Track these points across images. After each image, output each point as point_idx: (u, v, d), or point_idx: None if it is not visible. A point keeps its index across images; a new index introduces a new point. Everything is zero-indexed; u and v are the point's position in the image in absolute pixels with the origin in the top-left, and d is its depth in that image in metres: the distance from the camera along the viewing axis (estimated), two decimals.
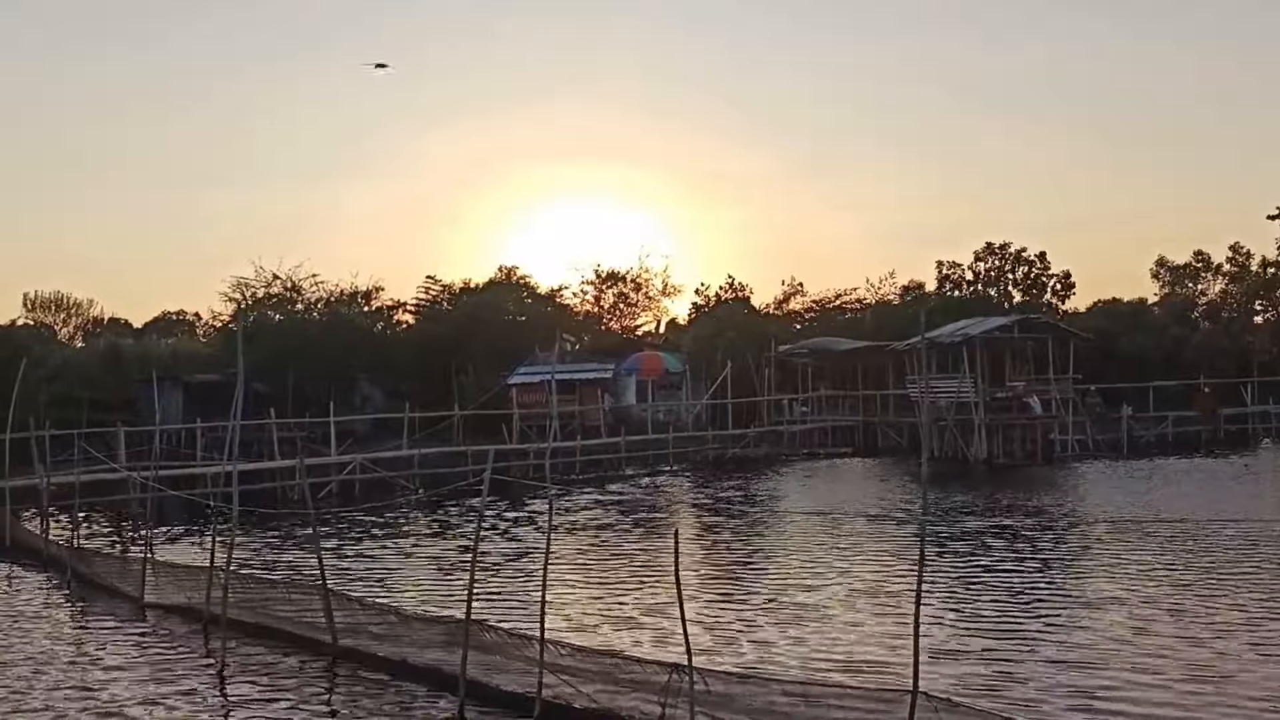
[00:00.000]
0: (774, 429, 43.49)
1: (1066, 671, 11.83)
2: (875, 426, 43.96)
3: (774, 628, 14.09)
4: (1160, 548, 19.65)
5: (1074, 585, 16.89)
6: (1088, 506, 26.56)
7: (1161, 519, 23.18)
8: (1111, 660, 12.21)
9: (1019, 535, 21.89)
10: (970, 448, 38.02)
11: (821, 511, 25.48)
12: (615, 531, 23.59)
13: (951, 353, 39.95)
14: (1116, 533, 21.64)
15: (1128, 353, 47.51)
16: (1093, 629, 13.74)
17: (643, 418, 43.51)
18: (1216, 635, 13.16)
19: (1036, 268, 56.88)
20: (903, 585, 16.07)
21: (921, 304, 53.18)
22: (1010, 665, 12.20)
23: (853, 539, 21.35)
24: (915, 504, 26.15)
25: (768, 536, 22.73)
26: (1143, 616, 14.31)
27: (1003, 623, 14.34)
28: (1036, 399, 39.22)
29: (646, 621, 14.44)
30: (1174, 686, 11.17)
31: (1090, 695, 10.90)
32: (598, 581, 17.67)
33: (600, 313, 63.03)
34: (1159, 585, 16.35)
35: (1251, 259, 57.96)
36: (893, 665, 11.66)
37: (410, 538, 23.22)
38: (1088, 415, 41.20)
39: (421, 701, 10.99)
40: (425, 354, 47.46)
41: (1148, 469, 34.41)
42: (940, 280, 59.88)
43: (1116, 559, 18.82)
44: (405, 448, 34.11)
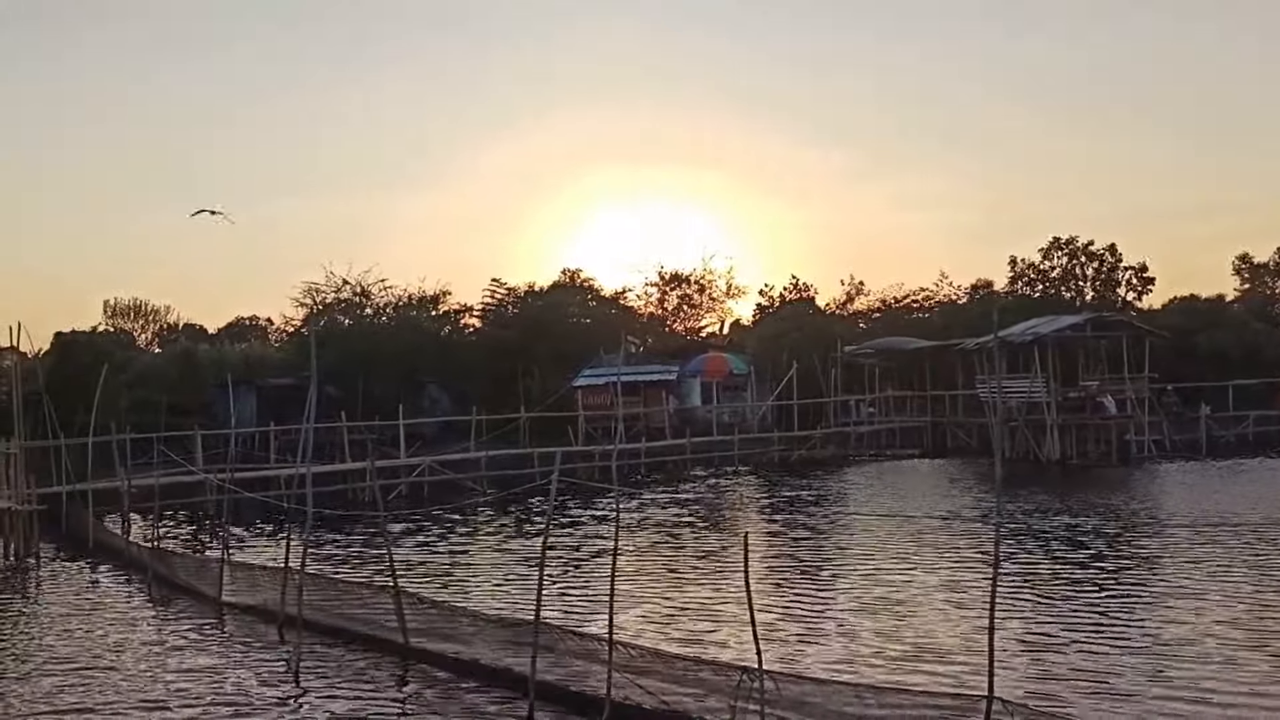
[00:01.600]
0: (840, 430, 43.11)
1: (1144, 678, 11.56)
2: (944, 427, 43.36)
3: (845, 630, 13.98)
4: (1242, 551, 19.11)
5: (1151, 589, 16.49)
6: (1165, 508, 25.97)
7: (1243, 522, 22.52)
8: (1189, 666, 11.90)
9: (1095, 537, 21.47)
10: (1043, 448, 37.33)
11: (891, 514, 25.18)
12: (682, 533, 23.57)
13: (1023, 352, 39.27)
14: (1196, 535, 21.06)
15: (1206, 350, 46.26)
16: (1170, 635, 13.40)
17: (708, 419, 43.43)
18: None
19: (1108, 263, 55.59)
20: (976, 588, 15.86)
21: (990, 303, 52.33)
22: (1087, 671, 11.95)
23: (923, 541, 21.08)
24: (986, 505, 25.74)
25: (836, 538, 22.53)
26: (1221, 623, 13.94)
27: (1078, 627, 14.06)
28: (1111, 398, 38.38)
29: (716, 623, 14.40)
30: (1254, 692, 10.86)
31: (1168, 700, 10.63)
32: (666, 583, 17.67)
33: (664, 314, 63.03)
34: (1238, 589, 15.95)
35: None
36: (967, 669, 11.49)
37: (479, 539, 23.44)
38: (1164, 415, 40.19)
39: (492, 702, 11.08)
40: (491, 357, 47.88)
41: (1228, 470, 33.51)
42: (1011, 278, 58.89)
43: (1195, 562, 18.33)
44: (473, 450, 34.42)
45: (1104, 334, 40.55)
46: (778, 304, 60.17)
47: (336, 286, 48.83)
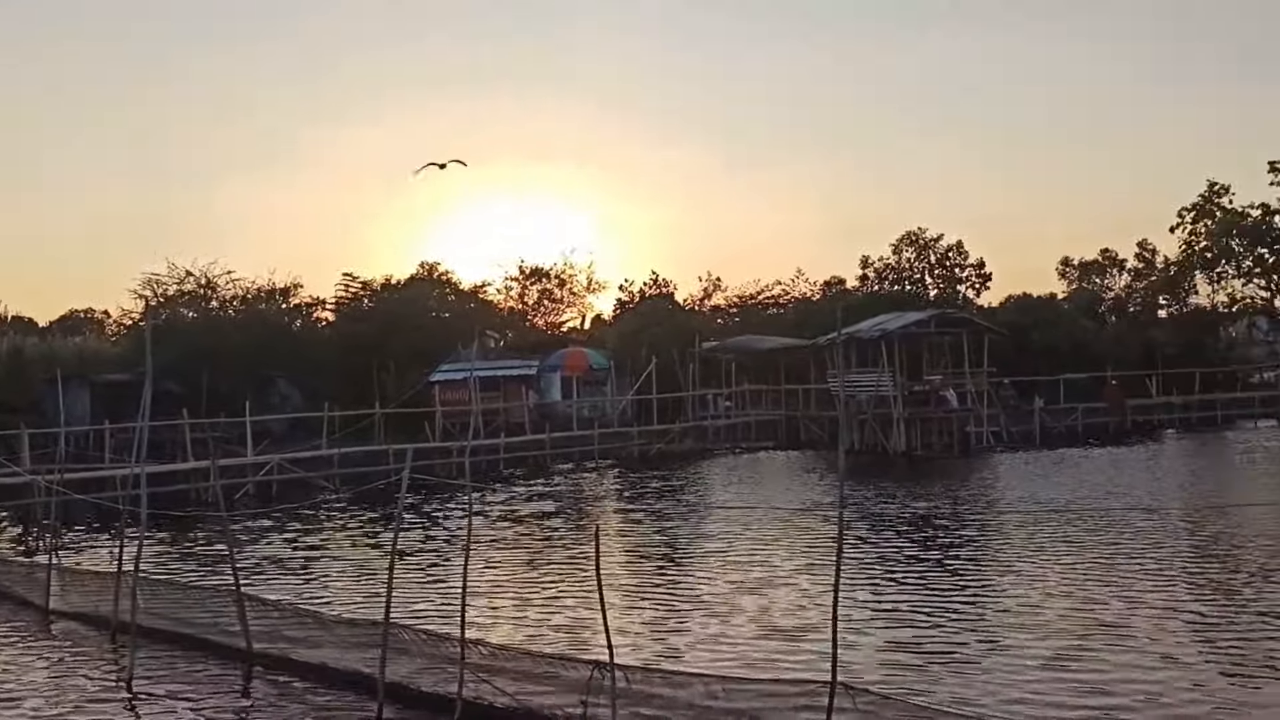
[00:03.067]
0: (698, 424, 43.69)
1: (983, 658, 12.12)
2: (797, 420, 44.40)
3: (697, 622, 14.15)
4: (1069, 532, 20.20)
5: (990, 574, 17.21)
6: (1003, 495, 27.28)
7: (1071, 508, 23.82)
8: (1026, 646, 12.49)
9: (937, 525, 22.36)
10: (890, 440, 38.61)
11: (746, 506, 25.62)
12: (538, 529, 23.47)
13: (871, 347, 40.53)
14: (1031, 521, 22.12)
15: (1040, 346, 48.70)
16: (1007, 616, 14.06)
17: (568, 414, 43.43)
18: (1126, 617, 13.57)
19: (953, 259, 58.02)
20: (823, 577, 16.24)
21: (840, 300, 53.92)
22: (929, 653, 12.44)
23: (776, 531, 21.49)
24: (829, 500, 26.48)
25: (691, 531, 22.80)
26: (1051, 595, 14.84)
27: (921, 612, 14.57)
28: (953, 392, 39.99)
29: (570, 619, 14.37)
30: (1075, 673, 11.50)
31: (1002, 689, 11.09)
32: (521, 579, 17.57)
33: (524, 309, 62.75)
34: (1065, 566, 16.90)
35: (1157, 256, 59.90)
36: (813, 656, 11.77)
37: (329, 539, 22.83)
38: (1002, 408, 42.12)
39: (340, 706, 10.80)
40: (345, 352, 46.79)
41: (1059, 458, 35.30)
42: (862, 276, 60.82)
43: (1030, 547, 19.27)
44: (324, 447, 33.53)
45: (947, 330, 42.23)
46: (638, 299, 60.57)
47: (179, 278, 46.93)
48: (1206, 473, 32.03)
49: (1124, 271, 62.93)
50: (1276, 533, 19.67)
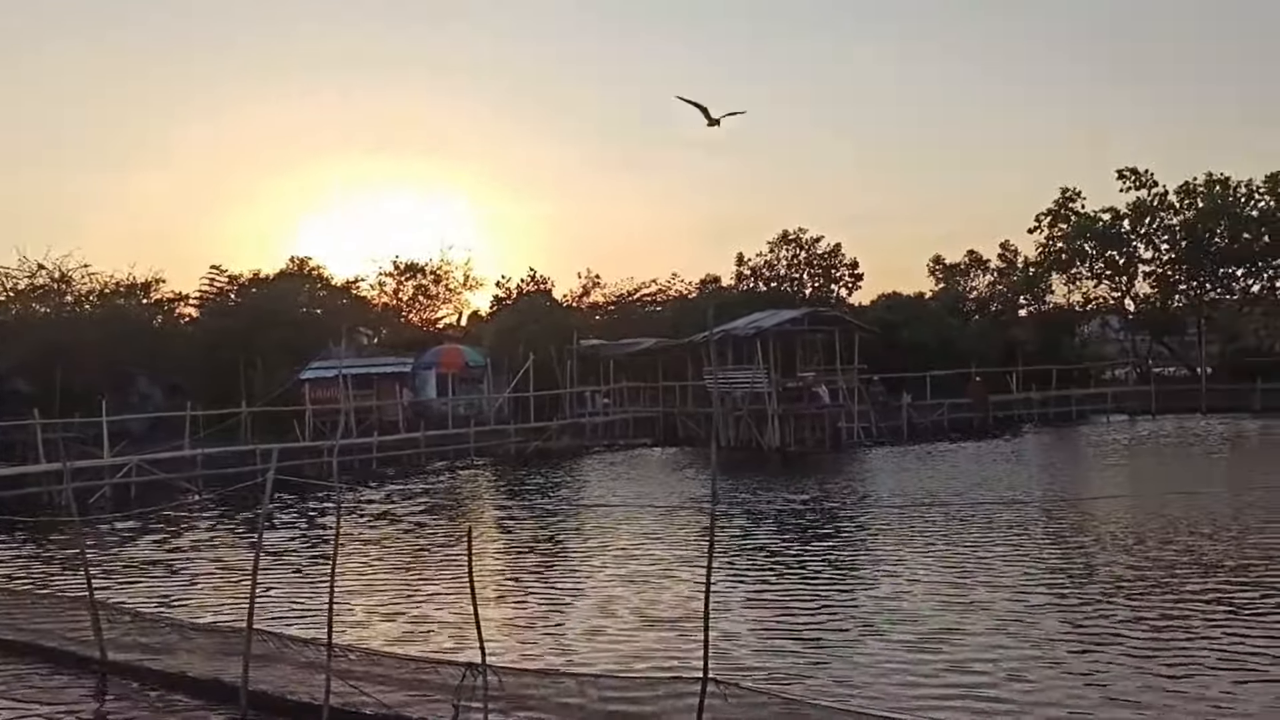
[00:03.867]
0: (576, 421, 43.62)
1: (859, 644, 12.55)
2: (675, 417, 44.73)
3: (571, 621, 14.11)
4: (935, 522, 20.88)
5: (863, 563, 17.75)
6: (874, 489, 27.99)
7: (937, 500, 24.62)
8: (899, 631, 12.95)
9: (812, 518, 22.83)
10: (764, 436, 39.24)
11: (620, 505, 25.67)
12: (411, 529, 23.06)
13: (746, 345, 41.10)
14: (898, 511, 22.81)
15: (908, 343, 50.11)
16: (880, 603, 14.52)
17: (443, 412, 42.85)
18: (990, 602, 14.09)
19: (827, 260, 59.40)
20: (702, 570, 16.38)
21: (715, 298, 54.62)
22: (807, 640, 12.81)
23: (654, 527, 21.62)
24: (706, 494, 26.76)
25: (569, 528, 22.75)
26: (916, 581, 15.45)
27: (798, 601, 14.94)
28: (825, 388, 40.88)
29: (446, 619, 14.16)
30: (944, 656, 11.89)
31: (875, 674, 11.46)
32: (396, 580, 17.22)
33: (399, 306, 61.67)
34: (933, 554, 17.50)
35: (1018, 257, 62.38)
36: (686, 652, 11.87)
37: (193, 543, 22.00)
38: (871, 403, 43.23)
39: (201, 716, 10.40)
40: (210, 349, 45.20)
41: (925, 452, 36.46)
42: (738, 275, 61.65)
43: (900, 537, 19.91)
44: (187, 448, 32.31)
45: (820, 328, 43.13)
46: (515, 296, 60.15)
47: (31, 272, 44.64)
48: (1062, 466, 33.54)
49: (988, 272, 65.34)
50: (1125, 521, 20.70)
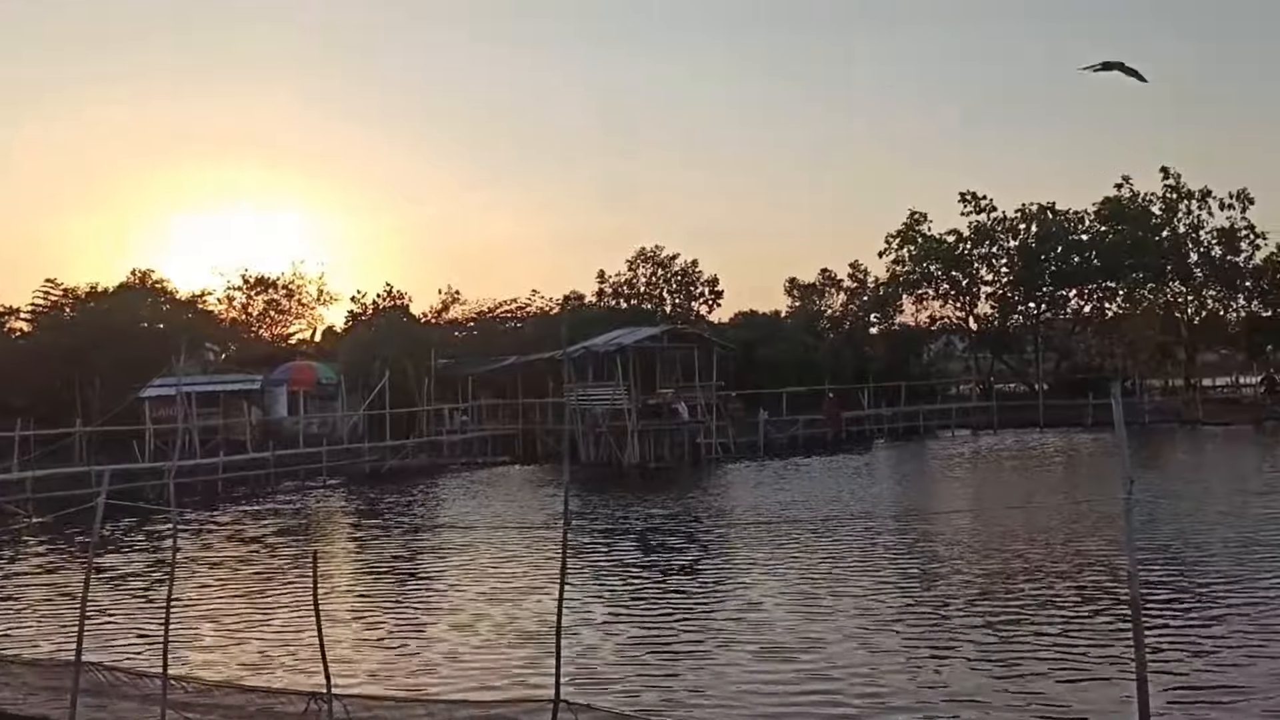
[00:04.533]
0: (433, 439, 42.92)
1: (716, 656, 12.71)
2: (535, 434, 44.47)
3: (427, 643, 13.81)
4: (792, 536, 21.29)
5: (721, 576, 17.95)
6: (731, 504, 28.41)
7: (792, 514, 25.14)
8: (755, 642, 13.17)
9: (671, 533, 22.99)
10: (624, 453, 39.36)
11: (471, 525, 25.31)
12: (258, 552, 22.20)
13: (607, 361, 41.23)
14: (758, 527, 23.17)
15: (764, 360, 51.11)
16: (737, 615, 14.72)
17: (294, 431, 41.55)
18: (842, 611, 14.43)
19: (687, 277, 60.20)
20: (549, 592, 16.30)
21: (578, 315, 54.71)
22: (667, 654, 12.90)
23: (509, 546, 21.34)
24: (572, 509, 26.70)
25: (422, 549, 22.27)
26: (769, 595, 15.71)
27: (658, 615, 15.02)
28: (684, 405, 41.33)
29: (289, 647, 13.65)
30: (781, 670, 12.10)
31: (730, 684, 11.62)
32: (237, 608, 16.53)
33: (249, 321, 59.65)
34: (795, 571, 17.81)
35: (869, 276, 64.44)
36: (539, 674, 11.78)
37: (20, 571, 20.67)
38: (729, 420, 43.89)
39: None
40: (43, 365, 42.78)
41: (782, 468, 37.17)
42: (599, 291, 61.85)
43: (757, 551, 20.23)
44: (15, 470, 30.42)
45: (679, 345, 43.60)
46: (371, 311, 58.90)
47: None
48: (911, 479, 34.71)
49: (841, 291, 67.25)
50: (968, 531, 21.52)
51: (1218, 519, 22.11)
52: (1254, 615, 14.08)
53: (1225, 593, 15.46)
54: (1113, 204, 58.64)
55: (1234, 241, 57.88)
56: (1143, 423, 49.48)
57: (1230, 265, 58.20)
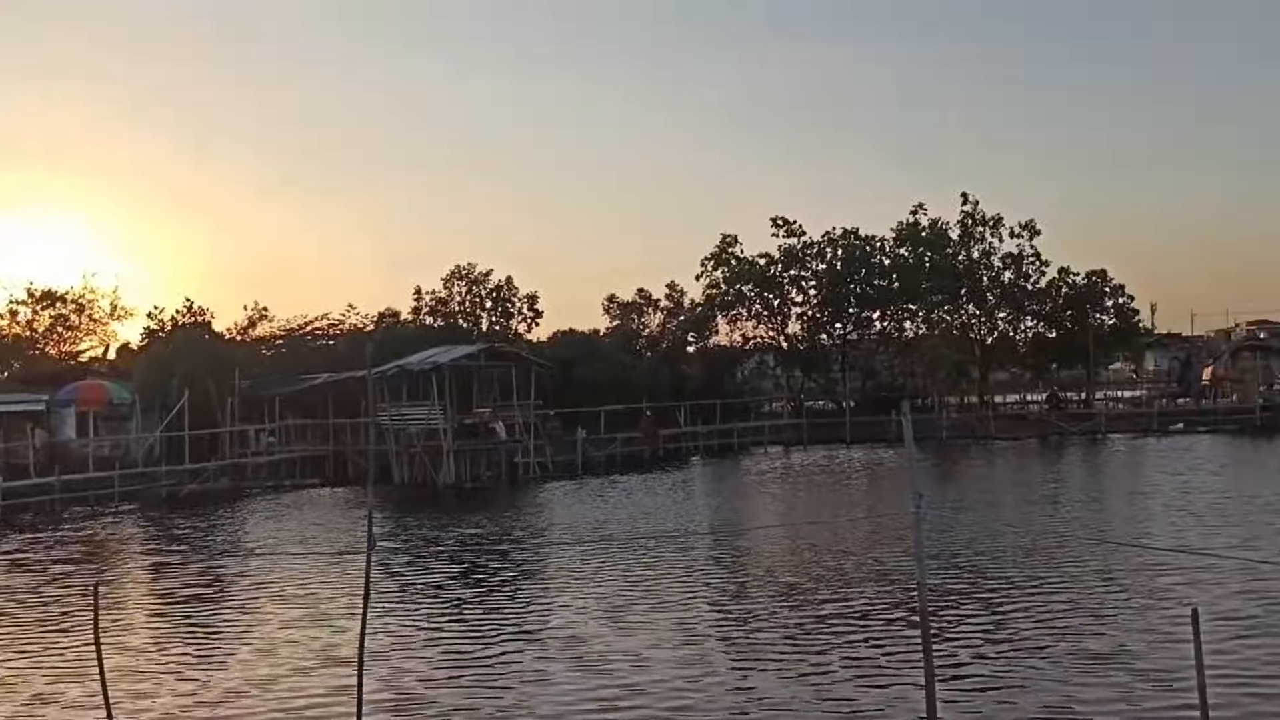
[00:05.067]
0: (237, 461, 41.06)
1: (532, 672, 12.79)
2: (346, 455, 43.13)
3: (224, 677, 13.18)
4: (610, 555, 21.37)
5: (534, 596, 17.89)
6: (548, 523, 28.29)
7: (609, 531, 25.28)
8: (571, 658, 13.26)
9: (486, 553, 22.70)
10: (440, 473, 38.70)
11: (275, 551, 24.25)
12: (31, 588, 20.54)
13: (422, 380, 40.48)
14: (573, 546, 23.13)
15: (583, 379, 51.21)
16: (553, 632, 14.79)
17: (84, 453, 38.94)
18: (660, 625, 14.56)
19: (504, 293, 59.75)
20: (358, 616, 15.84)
21: (393, 332, 53.54)
22: (483, 672, 12.88)
23: (311, 573, 20.59)
24: (382, 533, 26.06)
25: (218, 578, 21.21)
26: (597, 617, 15.72)
27: (468, 638, 14.84)
28: (501, 424, 40.98)
29: (70, 683, 12.76)
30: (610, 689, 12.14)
31: (546, 700, 11.72)
32: (15, 644, 15.33)
33: (34, 337, 55.65)
34: (612, 588, 17.93)
35: (685, 296, 65.53)
36: (338, 702, 11.43)
37: None
38: (547, 438, 43.77)
39: None
40: None
41: (600, 486, 37.29)
42: (415, 308, 60.59)
43: (574, 568, 20.24)
44: None
45: (496, 363, 43.24)
46: (170, 328, 55.84)
47: None
48: (725, 495, 35.43)
49: (658, 310, 68.08)
50: (777, 545, 22.20)
51: (1004, 528, 23.47)
52: (1035, 616, 15.03)
53: (1008, 597, 16.46)
54: (910, 229, 61.73)
55: (1022, 267, 61.86)
56: (940, 438, 52.23)
57: (1019, 289, 62.14)
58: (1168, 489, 30.06)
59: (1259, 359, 65.95)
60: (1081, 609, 15.28)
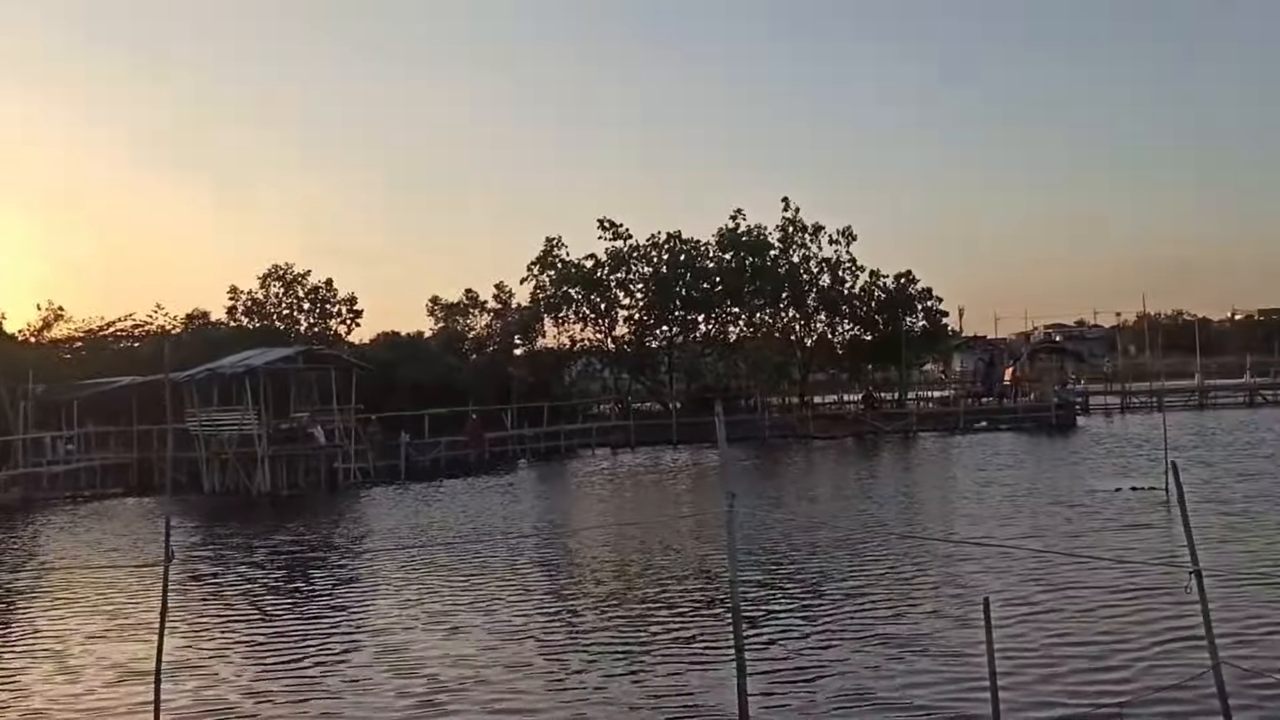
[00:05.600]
0: (31, 471, 38.45)
1: (339, 694, 12.29)
2: (152, 463, 40.96)
3: (18, 696, 12.56)
4: (433, 560, 21.03)
5: (353, 604, 17.49)
6: (368, 529, 27.62)
7: (432, 536, 24.92)
8: (384, 676, 12.87)
9: (302, 562, 22.02)
10: (254, 481, 37.25)
11: (71, 565, 22.84)
12: None
13: (235, 384, 38.88)
14: (396, 552, 22.64)
15: (407, 382, 50.17)
16: (372, 648, 14.31)
17: None
18: (484, 628, 14.44)
19: (324, 293, 58.03)
20: (179, 623, 15.16)
21: (203, 334, 51.25)
22: (290, 686, 12.50)
23: (112, 586, 19.49)
24: (192, 544, 24.98)
25: (8, 594, 19.83)
26: (412, 617, 15.60)
27: (285, 648, 14.43)
28: (320, 429, 39.76)
29: None
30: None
31: (362, 707, 11.55)
32: None
33: None
34: (437, 593, 17.69)
35: (513, 298, 65.09)
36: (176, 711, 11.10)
37: None
38: (369, 443, 42.73)
39: None
40: None
41: (424, 491, 36.59)
42: (230, 309, 58.14)
43: (394, 575, 19.87)
44: None
45: (315, 366, 41.94)
46: None
47: None
48: (551, 498, 35.41)
49: (485, 312, 67.39)
50: (602, 544, 22.33)
51: (819, 523, 24.31)
52: (845, 606, 15.64)
53: (821, 588, 17.09)
54: (731, 234, 63.15)
55: (839, 272, 64.20)
56: (763, 438, 53.64)
57: (836, 293, 64.46)
58: (970, 484, 31.76)
59: (1054, 360, 70.66)
60: (888, 598, 15.98)
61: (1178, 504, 8.53)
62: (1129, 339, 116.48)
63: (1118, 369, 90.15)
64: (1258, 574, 16.15)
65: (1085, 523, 22.58)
